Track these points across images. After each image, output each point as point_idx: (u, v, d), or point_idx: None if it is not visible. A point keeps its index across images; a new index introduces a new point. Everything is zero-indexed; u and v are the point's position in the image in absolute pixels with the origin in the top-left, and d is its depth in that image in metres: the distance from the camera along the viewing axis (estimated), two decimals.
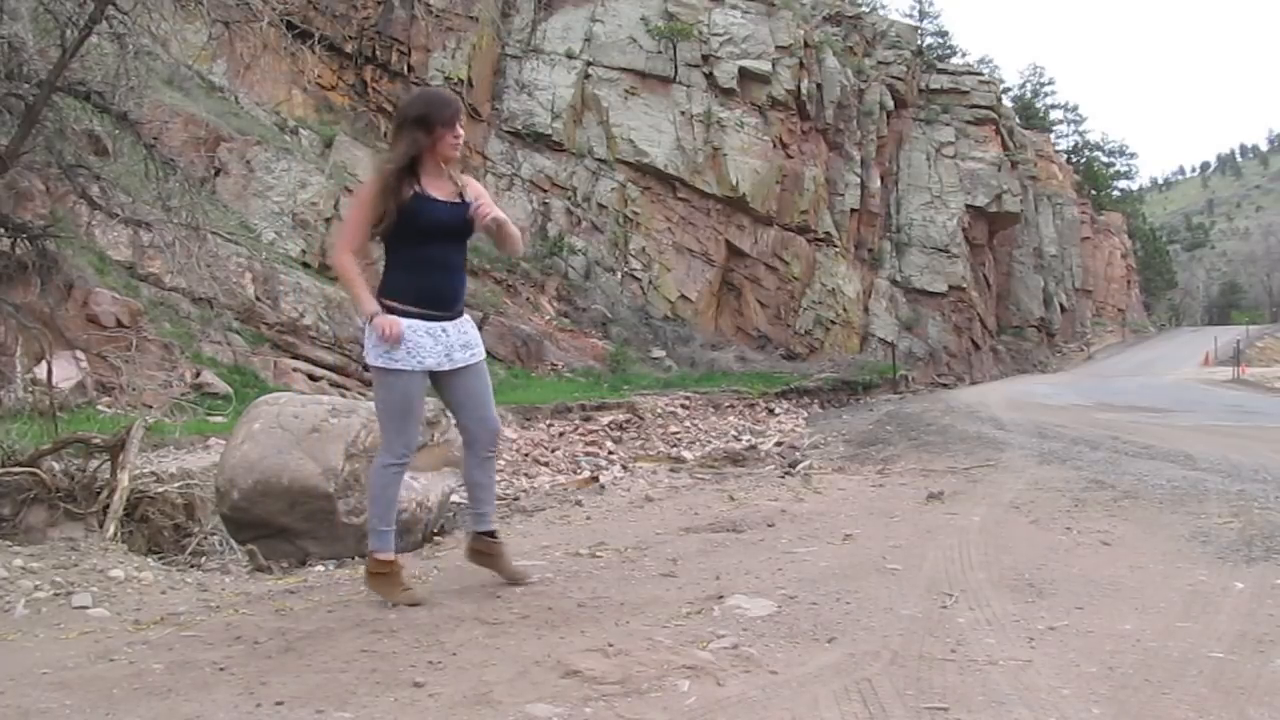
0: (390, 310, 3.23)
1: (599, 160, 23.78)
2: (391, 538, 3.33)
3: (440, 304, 3.30)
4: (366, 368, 3.46)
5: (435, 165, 3.29)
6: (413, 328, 3.22)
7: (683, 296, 23.49)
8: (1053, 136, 56.45)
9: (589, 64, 24.32)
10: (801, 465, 8.10)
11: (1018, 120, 44.36)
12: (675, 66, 24.35)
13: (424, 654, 2.74)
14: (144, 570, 3.85)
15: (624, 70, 24.29)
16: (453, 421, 5.75)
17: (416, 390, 3.29)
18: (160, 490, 4.57)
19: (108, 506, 4.20)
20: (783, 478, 7.19)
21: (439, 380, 3.38)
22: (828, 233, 25.79)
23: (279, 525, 4.43)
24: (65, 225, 6.75)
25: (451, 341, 3.32)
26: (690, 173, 23.77)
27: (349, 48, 21.50)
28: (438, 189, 3.27)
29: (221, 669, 2.64)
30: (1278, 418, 12.62)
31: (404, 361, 3.22)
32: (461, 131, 3.33)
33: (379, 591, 3.29)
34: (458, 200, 3.28)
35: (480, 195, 3.31)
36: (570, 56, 24.26)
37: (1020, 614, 3.07)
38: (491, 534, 3.53)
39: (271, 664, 2.68)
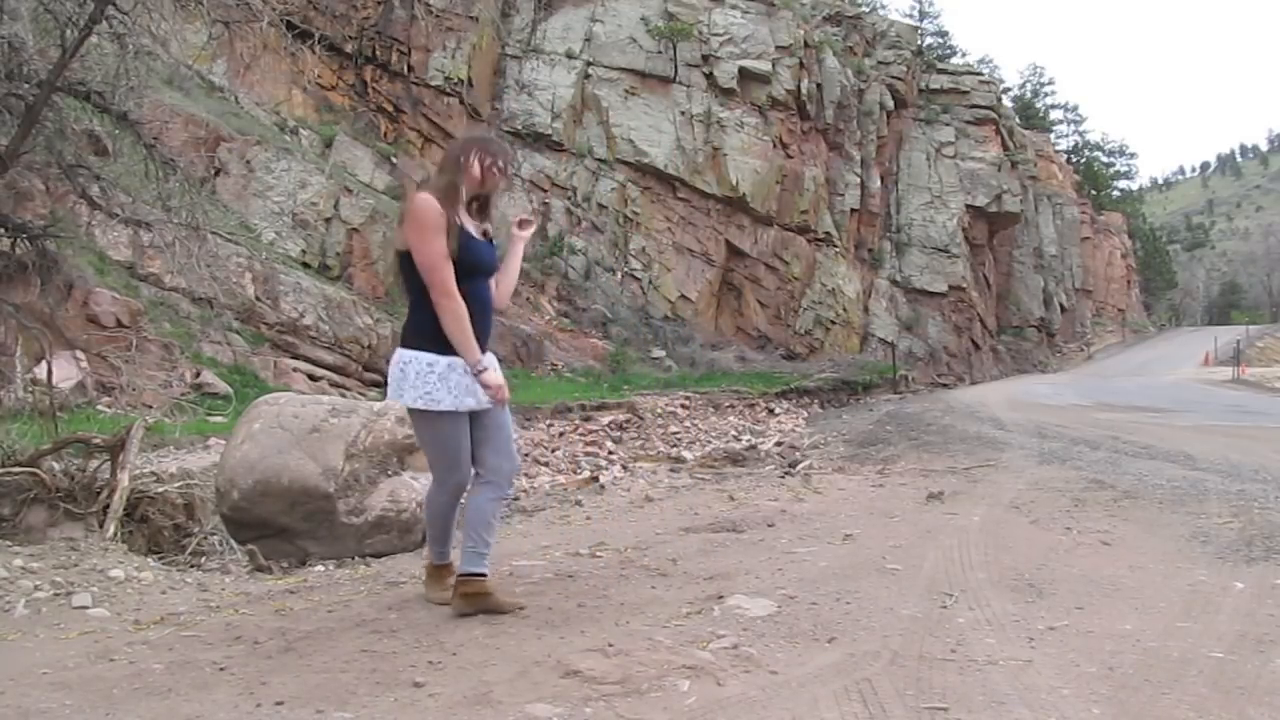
0: (423, 349, 3.13)
1: (599, 160, 23.77)
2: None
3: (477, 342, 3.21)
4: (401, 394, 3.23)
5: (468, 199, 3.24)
6: (453, 367, 3.12)
7: (683, 296, 23.48)
8: (1053, 136, 56.42)
9: (589, 64, 24.32)
10: (801, 465, 8.10)
11: (1018, 120, 44.32)
12: (675, 66, 24.34)
13: (424, 654, 2.74)
14: (144, 570, 3.85)
15: (624, 70, 24.28)
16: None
17: (463, 430, 3.21)
18: (160, 490, 4.57)
19: (108, 506, 4.20)
20: (783, 478, 7.18)
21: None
22: (828, 233, 25.78)
23: (279, 525, 4.44)
24: (65, 225, 6.74)
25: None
26: (690, 173, 23.76)
27: (349, 48, 21.48)
28: (473, 226, 3.23)
29: (221, 669, 2.64)
30: (1278, 418, 12.62)
31: (449, 403, 3.12)
32: (491, 158, 3.23)
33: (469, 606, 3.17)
34: (483, 239, 3.27)
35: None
36: (570, 56, 24.25)
37: (1020, 614, 3.07)
38: (449, 566, 3.41)
39: (271, 664, 2.68)
